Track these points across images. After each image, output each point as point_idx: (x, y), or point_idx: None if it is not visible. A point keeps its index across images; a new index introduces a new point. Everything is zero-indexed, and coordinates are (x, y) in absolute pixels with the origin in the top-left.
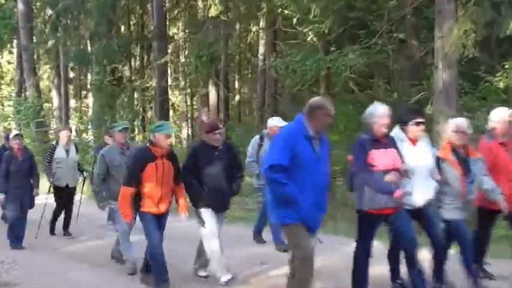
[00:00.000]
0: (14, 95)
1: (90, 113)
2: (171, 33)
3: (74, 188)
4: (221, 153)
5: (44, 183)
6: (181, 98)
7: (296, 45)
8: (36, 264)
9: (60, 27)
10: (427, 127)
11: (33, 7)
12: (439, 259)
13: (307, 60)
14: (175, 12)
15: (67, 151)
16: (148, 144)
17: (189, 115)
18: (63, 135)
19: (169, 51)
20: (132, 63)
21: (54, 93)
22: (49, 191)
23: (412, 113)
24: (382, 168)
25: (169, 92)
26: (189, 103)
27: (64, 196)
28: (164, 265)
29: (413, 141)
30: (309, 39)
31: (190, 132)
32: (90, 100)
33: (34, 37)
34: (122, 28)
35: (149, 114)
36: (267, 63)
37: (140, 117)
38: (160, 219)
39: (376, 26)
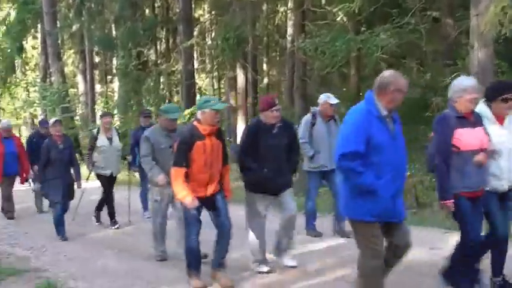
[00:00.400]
0: (39, 80)
1: (115, 98)
2: (196, 16)
3: (116, 177)
4: (279, 131)
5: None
6: (208, 82)
7: (325, 25)
8: (65, 250)
9: (84, 11)
10: None
11: None
12: (500, 250)
13: (337, 41)
14: None
15: (109, 139)
16: (194, 122)
17: None
18: (105, 121)
19: (195, 33)
20: (158, 47)
21: (79, 79)
22: (88, 179)
23: (500, 88)
24: (468, 149)
25: (196, 75)
26: (216, 86)
27: (107, 185)
28: (197, 254)
29: (500, 119)
30: (338, 19)
31: None
32: (115, 85)
33: (58, 22)
34: (147, 11)
35: (175, 98)
36: (295, 44)
37: (166, 101)
38: (206, 203)
39: (409, 4)
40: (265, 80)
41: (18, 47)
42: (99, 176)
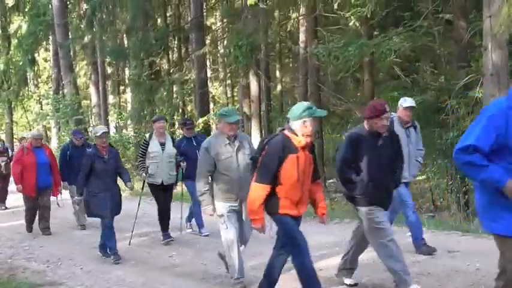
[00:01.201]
0: (51, 93)
1: (129, 108)
2: (208, 24)
3: (171, 186)
4: (386, 142)
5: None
6: (221, 90)
7: (338, 30)
8: (81, 263)
9: (95, 22)
10: (475, 111)
11: (68, 2)
12: None
13: (350, 45)
14: (213, 1)
15: (162, 144)
16: (287, 133)
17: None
18: (158, 126)
19: (207, 42)
20: (170, 56)
21: (92, 90)
22: (142, 188)
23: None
24: None
25: (209, 84)
26: (229, 95)
27: (161, 195)
28: (316, 276)
29: None
30: (351, 24)
31: None
32: (128, 95)
33: (70, 33)
34: (158, 20)
35: (189, 107)
36: (308, 50)
37: (180, 110)
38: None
39: (421, 8)
40: (279, 87)
41: (30, 59)
42: (150, 186)
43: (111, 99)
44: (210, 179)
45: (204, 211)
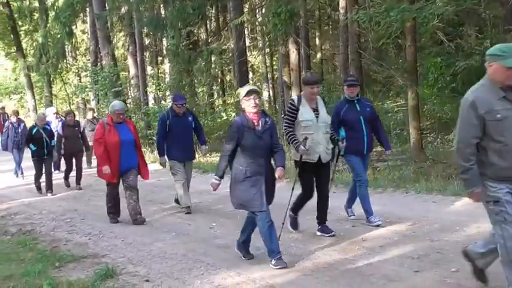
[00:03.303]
0: (89, 65)
1: (167, 79)
2: None
3: (328, 164)
4: None
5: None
6: (260, 59)
7: None
8: (122, 236)
9: None
10: None
11: None
12: None
13: (392, 10)
14: None
15: (315, 110)
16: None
17: (269, 76)
18: (311, 91)
19: (245, 10)
20: (208, 26)
21: (130, 61)
22: (299, 169)
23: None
24: None
25: (248, 53)
26: (268, 63)
27: (316, 177)
28: None
29: None
30: None
31: (271, 94)
32: (166, 66)
33: (106, 4)
34: None
35: (228, 77)
36: (348, 16)
37: (219, 80)
38: None
39: None
40: (319, 55)
41: (67, 32)
42: (302, 164)
43: (149, 70)
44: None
45: (471, 195)
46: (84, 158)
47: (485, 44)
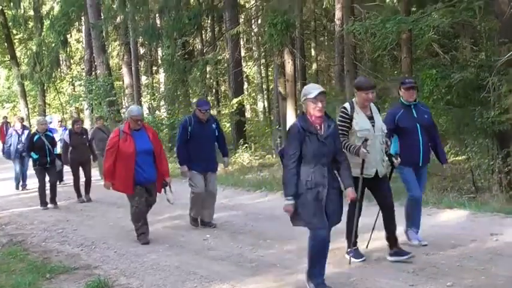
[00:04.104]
0: (84, 74)
1: (162, 89)
2: (242, 2)
3: (386, 177)
4: None
5: None
6: (255, 69)
7: (375, 7)
8: (115, 247)
9: (128, 1)
10: None
11: None
12: None
13: (387, 22)
14: None
15: (370, 118)
16: None
17: (264, 87)
18: (365, 97)
19: (241, 20)
20: (203, 36)
21: (124, 71)
22: (362, 183)
23: None
24: None
25: (243, 63)
26: (264, 74)
27: (374, 191)
28: None
29: None
30: (388, 0)
31: (266, 105)
32: (161, 76)
33: (102, 14)
34: None
35: (223, 87)
36: (344, 28)
37: (214, 91)
38: None
39: None
40: (314, 66)
41: (62, 40)
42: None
43: (144, 80)
44: None
45: None
46: (97, 169)
47: (480, 57)
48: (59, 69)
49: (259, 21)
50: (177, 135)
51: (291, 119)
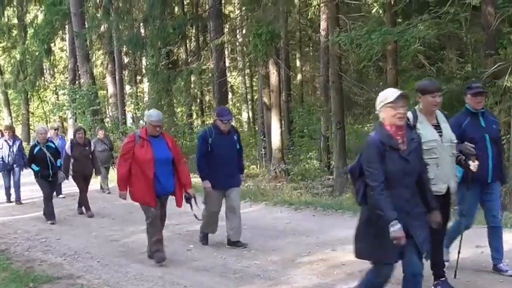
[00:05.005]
0: (68, 83)
1: (146, 98)
2: (227, 12)
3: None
4: None
5: None
6: (240, 80)
7: (360, 18)
8: (98, 257)
9: (112, 10)
10: (503, 100)
11: None
12: None
13: (373, 33)
14: None
15: (437, 127)
16: None
17: (249, 97)
18: (433, 101)
19: (225, 30)
20: (188, 45)
21: (108, 80)
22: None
23: None
24: None
25: (228, 73)
26: (248, 84)
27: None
28: None
29: None
30: (373, 11)
31: (251, 115)
32: (145, 85)
33: (86, 22)
34: (176, 9)
35: (207, 97)
36: (329, 38)
37: (198, 101)
38: None
39: None
40: (299, 77)
41: (46, 49)
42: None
43: (128, 89)
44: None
45: None
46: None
47: (467, 68)
48: (42, 78)
49: (244, 31)
50: (197, 147)
51: (275, 129)
